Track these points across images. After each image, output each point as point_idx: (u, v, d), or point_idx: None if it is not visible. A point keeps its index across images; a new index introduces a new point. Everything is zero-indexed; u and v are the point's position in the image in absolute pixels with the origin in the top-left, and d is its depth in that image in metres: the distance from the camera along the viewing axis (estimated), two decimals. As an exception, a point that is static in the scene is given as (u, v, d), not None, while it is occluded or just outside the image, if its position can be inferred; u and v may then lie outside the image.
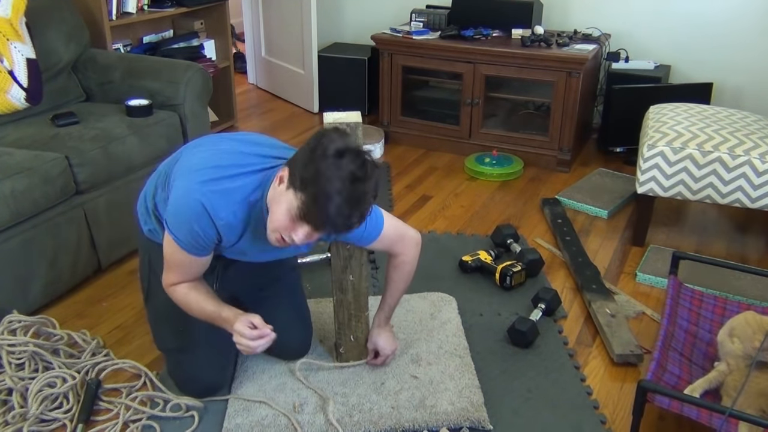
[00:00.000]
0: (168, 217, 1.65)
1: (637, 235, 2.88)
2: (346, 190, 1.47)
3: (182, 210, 1.61)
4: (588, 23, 3.87)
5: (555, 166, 3.63)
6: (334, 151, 1.48)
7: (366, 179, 1.50)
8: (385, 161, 3.76)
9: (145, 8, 3.58)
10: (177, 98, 2.94)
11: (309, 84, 4.44)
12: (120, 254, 2.70)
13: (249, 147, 1.72)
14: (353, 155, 1.50)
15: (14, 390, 1.91)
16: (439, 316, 2.36)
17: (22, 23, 2.70)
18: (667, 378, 1.84)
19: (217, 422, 1.91)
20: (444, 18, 3.86)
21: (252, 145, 1.74)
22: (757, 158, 2.54)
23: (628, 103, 3.51)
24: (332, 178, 1.46)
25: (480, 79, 3.64)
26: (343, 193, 1.47)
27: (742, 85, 3.67)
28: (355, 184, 1.48)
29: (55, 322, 2.22)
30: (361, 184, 1.49)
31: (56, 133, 2.61)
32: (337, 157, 1.48)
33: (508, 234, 2.80)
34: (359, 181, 1.49)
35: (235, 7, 5.36)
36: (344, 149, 1.50)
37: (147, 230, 1.94)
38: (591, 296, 2.45)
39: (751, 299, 2.43)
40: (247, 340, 1.69)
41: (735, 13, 3.57)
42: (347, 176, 1.47)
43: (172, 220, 1.64)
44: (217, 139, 1.80)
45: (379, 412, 1.93)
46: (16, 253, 2.25)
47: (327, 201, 1.47)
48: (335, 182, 1.46)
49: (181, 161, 1.74)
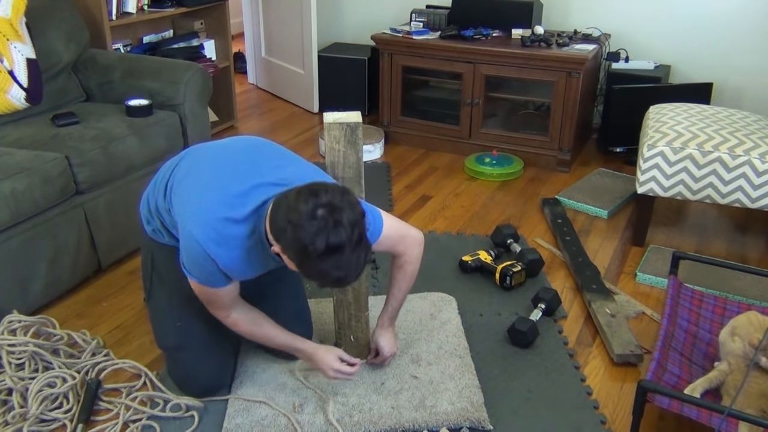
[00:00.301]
0: (183, 259, 1.72)
1: (637, 235, 2.88)
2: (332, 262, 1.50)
3: (191, 254, 1.67)
4: (588, 23, 3.87)
5: (555, 166, 3.63)
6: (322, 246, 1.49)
7: (348, 245, 1.50)
8: (385, 161, 3.76)
9: (145, 8, 3.58)
10: (177, 98, 2.94)
11: (309, 84, 4.44)
12: (120, 254, 2.70)
13: (248, 175, 1.69)
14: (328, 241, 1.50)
15: (14, 390, 1.91)
16: (439, 316, 2.36)
17: (22, 23, 2.70)
18: (667, 378, 1.84)
19: (217, 422, 1.91)
20: (444, 18, 3.86)
21: (251, 171, 1.71)
22: (757, 158, 2.54)
23: (628, 103, 3.51)
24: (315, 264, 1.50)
25: (480, 79, 3.64)
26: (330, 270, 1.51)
27: (742, 85, 3.67)
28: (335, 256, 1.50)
29: (55, 322, 2.22)
30: (342, 253, 1.50)
31: (56, 133, 2.61)
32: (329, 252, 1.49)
33: (508, 234, 2.80)
34: (339, 251, 1.49)
35: (235, 7, 5.37)
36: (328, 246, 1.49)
37: (150, 230, 1.95)
38: (591, 296, 2.45)
39: (751, 299, 2.43)
40: (346, 375, 1.94)
41: (735, 13, 3.57)
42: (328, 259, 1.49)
43: (185, 261, 1.71)
44: (217, 158, 1.78)
45: (379, 412, 1.93)
46: (16, 253, 2.25)
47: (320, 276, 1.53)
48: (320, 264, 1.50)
49: (183, 190, 1.74)
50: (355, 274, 1.54)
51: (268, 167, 1.74)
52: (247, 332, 1.89)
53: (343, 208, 1.49)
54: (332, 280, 1.53)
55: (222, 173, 1.72)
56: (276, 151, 1.84)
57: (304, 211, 1.46)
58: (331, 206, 1.48)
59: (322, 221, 1.46)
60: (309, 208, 1.47)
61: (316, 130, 4.21)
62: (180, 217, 1.72)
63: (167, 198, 1.82)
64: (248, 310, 1.86)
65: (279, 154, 1.82)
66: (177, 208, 1.75)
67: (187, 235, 1.66)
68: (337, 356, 1.93)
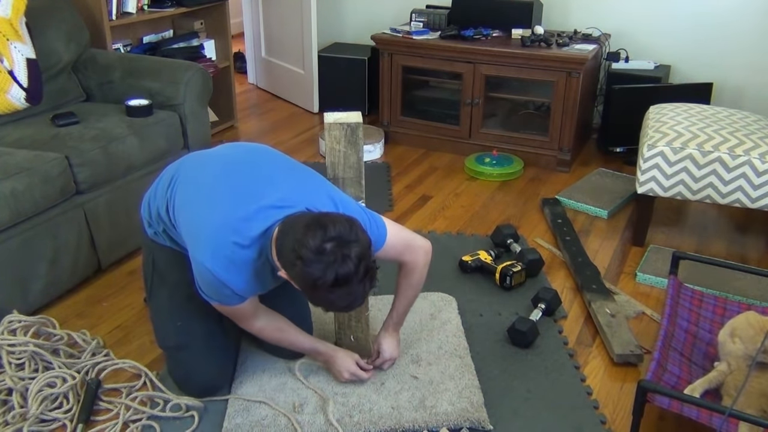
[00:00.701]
0: (199, 285, 1.75)
1: (637, 235, 2.88)
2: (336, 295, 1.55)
3: (206, 282, 1.71)
4: (588, 23, 3.87)
5: (555, 166, 3.63)
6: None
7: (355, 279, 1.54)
8: (385, 161, 3.76)
9: (145, 8, 3.58)
10: (177, 98, 2.94)
11: (309, 84, 4.44)
12: (120, 254, 2.70)
13: (250, 197, 1.69)
14: None
15: (14, 390, 1.91)
16: (439, 316, 2.36)
17: (22, 23, 2.70)
18: (667, 378, 1.84)
19: (217, 422, 1.91)
20: (444, 18, 3.86)
21: (253, 192, 1.70)
22: (757, 158, 2.54)
23: (628, 103, 3.51)
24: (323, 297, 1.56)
25: (480, 79, 3.64)
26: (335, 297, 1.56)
27: (742, 85, 3.67)
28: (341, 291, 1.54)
29: (55, 322, 2.22)
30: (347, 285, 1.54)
31: (56, 133, 2.61)
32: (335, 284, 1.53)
33: (508, 234, 2.80)
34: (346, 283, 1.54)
35: (235, 7, 5.37)
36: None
37: (152, 233, 1.96)
38: (591, 296, 2.45)
39: (751, 299, 2.43)
40: (361, 379, 2.01)
41: (735, 13, 3.57)
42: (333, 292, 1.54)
43: (202, 287, 1.75)
44: (218, 176, 1.77)
45: (379, 412, 1.93)
46: (16, 253, 2.25)
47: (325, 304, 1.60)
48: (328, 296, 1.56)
49: (190, 215, 1.75)
50: (361, 301, 1.60)
51: (269, 187, 1.72)
52: (274, 339, 1.95)
53: (351, 241, 1.52)
54: (338, 307, 1.60)
55: (224, 194, 1.72)
56: (273, 163, 1.82)
57: (313, 246, 1.50)
58: (339, 240, 1.51)
59: (331, 256, 1.50)
60: (317, 242, 1.50)
61: (316, 130, 4.21)
62: (189, 244, 1.74)
63: (171, 214, 1.83)
64: (272, 319, 1.92)
65: (277, 167, 1.80)
66: (185, 232, 1.77)
67: (198, 265, 1.68)
68: (355, 361, 2.01)
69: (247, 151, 1.86)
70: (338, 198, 1.77)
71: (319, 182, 1.80)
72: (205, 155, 1.89)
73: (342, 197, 1.79)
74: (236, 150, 1.88)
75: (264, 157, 1.84)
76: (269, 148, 1.90)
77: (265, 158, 1.84)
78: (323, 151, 3.68)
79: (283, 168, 1.81)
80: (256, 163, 1.81)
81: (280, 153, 1.88)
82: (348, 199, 1.81)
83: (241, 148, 1.89)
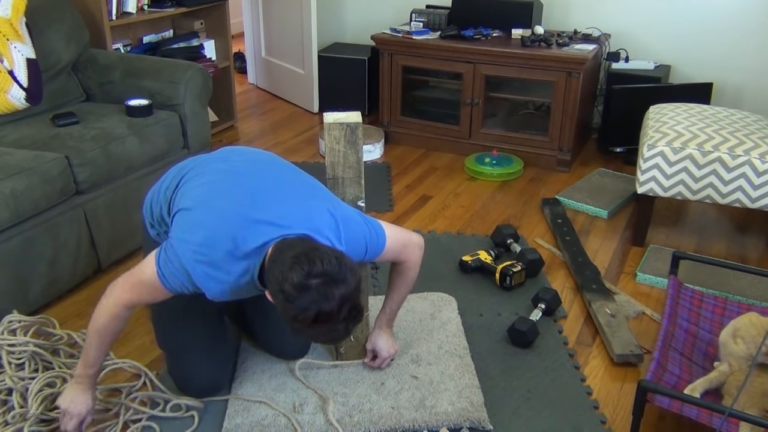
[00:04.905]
0: (161, 264, 1.66)
1: (637, 235, 2.88)
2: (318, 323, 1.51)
3: (174, 270, 1.63)
4: (588, 23, 3.87)
5: (555, 166, 3.63)
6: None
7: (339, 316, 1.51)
8: (385, 161, 3.76)
9: (145, 8, 3.58)
10: (177, 98, 2.94)
11: (309, 84, 4.44)
12: (120, 254, 2.70)
13: (251, 207, 1.65)
14: None
15: (14, 390, 1.91)
16: (439, 316, 2.36)
17: (22, 23, 2.70)
18: (667, 378, 1.84)
19: (217, 422, 1.91)
20: (444, 18, 3.86)
21: (254, 203, 1.67)
22: (757, 158, 2.55)
23: (628, 103, 3.51)
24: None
25: (480, 79, 3.64)
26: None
27: (742, 85, 3.67)
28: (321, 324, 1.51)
29: (55, 322, 2.22)
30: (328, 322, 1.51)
31: (56, 133, 2.61)
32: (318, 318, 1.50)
33: (508, 234, 2.80)
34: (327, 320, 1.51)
35: (235, 7, 5.38)
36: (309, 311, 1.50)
37: (154, 234, 1.95)
38: (591, 296, 2.45)
39: (751, 299, 2.43)
40: (66, 423, 1.78)
41: (735, 13, 3.58)
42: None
43: (165, 268, 1.65)
44: (222, 182, 1.73)
45: (379, 412, 1.93)
46: (16, 253, 2.25)
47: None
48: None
49: (186, 214, 1.70)
50: (343, 337, 1.56)
51: (271, 200, 1.69)
52: (95, 327, 1.76)
53: (338, 281, 1.49)
54: (319, 341, 1.59)
55: (226, 199, 1.68)
56: (279, 174, 1.78)
57: (296, 282, 1.47)
58: (326, 277, 1.48)
59: (315, 294, 1.47)
60: (301, 278, 1.47)
61: (316, 130, 4.21)
62: (176, 229, 1.69)
63: (172, 216, 1.81)
64: (125, 320, 1.79)
65: (283, 180, 1.76)
66: (177, 223, 1.72)
67: (178, 252, 1.62)
68: (80, 421, 1.79)
69: (253, 159, 1.82)
70: (339, 215, 1.72)
71: (321, 197, 1.76)
72: (209, 159, 1.84)
73: (343, 213, 1.74)
74: (242, 156, 1.83)
75: (270, 168, 1.79)
76: (276, 157, 1.86)
77: (271, 168, 1.79)
78: (323, 151, 3.68)
79: (289, 181, 1.76)
80: (262, 172, 1.76)
81: (286, 163, 1.84)
82: (349, 215, 1.76)
83: (247, 154, 1.84)
